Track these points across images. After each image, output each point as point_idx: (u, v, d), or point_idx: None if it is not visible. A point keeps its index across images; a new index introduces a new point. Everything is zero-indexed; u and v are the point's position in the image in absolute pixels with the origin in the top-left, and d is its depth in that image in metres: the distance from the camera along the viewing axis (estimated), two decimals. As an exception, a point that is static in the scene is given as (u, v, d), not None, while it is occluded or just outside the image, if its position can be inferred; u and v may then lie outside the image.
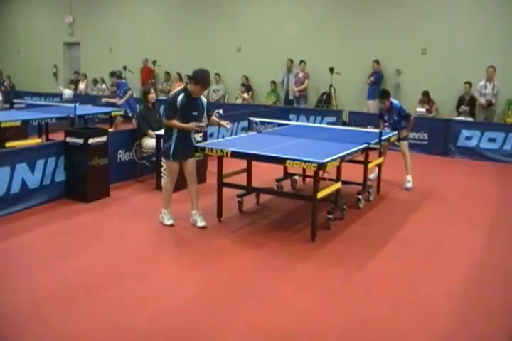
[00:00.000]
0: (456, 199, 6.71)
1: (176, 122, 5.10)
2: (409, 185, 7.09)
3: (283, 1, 13.14)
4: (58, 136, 7.52)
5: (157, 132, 6.81)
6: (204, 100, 5.34)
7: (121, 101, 10.60)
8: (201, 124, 5.17)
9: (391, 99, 7.21)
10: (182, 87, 5.22)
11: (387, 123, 7.32)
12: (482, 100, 10.15)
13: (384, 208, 6.28)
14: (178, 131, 5.16)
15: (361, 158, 6.12)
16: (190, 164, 5.33)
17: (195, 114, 5.18)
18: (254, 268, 4.48)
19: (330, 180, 5.42)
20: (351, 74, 11.87)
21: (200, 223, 5.37)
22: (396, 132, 6.96)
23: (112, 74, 11.04)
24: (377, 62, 11.59)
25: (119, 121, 10.21)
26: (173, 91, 5.24)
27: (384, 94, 7.22)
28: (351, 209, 5.95)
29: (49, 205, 6.02)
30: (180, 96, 5.07)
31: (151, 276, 4.25)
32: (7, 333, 3.37)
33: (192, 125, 5.11)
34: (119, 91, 10.79)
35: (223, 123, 5.43)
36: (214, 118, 5.53)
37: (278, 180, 6.74)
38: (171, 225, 5.39)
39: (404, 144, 7.21)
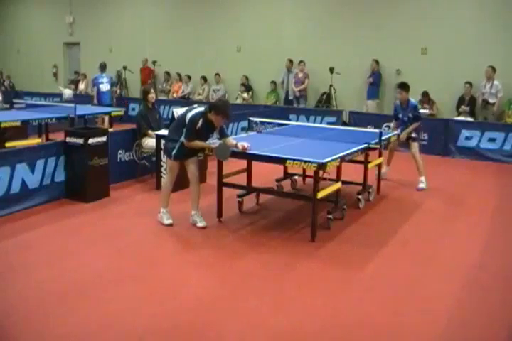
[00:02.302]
0: (456, 199, 6.70)
1: (197, 142, 5.16)
2: (422, 185, 7.03)
3: (283, 1, 13.13)
4: (58, 136, 7.52)
5: (157, 132, 6.82)
6: None
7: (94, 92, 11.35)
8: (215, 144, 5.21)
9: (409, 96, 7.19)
10: (202, 109, 5.15)
11: (400, 126, 7.27)
12: (480, 99, 10.18)
13: (384, 208, 6.28)
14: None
15: (361, 158, 6.12)
16: (193, 163, 5.34)
17: (208, 134, 5.30)
18: (254, 267, 4.48)
19: (330, 180, 5.42)
20: (351, 74, 11.87)
21: (200, 223, 5.37)
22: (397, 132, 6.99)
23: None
24: (377, 61, 11.59)
25: (101, 120, 10.40)
26: (193, 113, 5.12)
27: (404, 85, 7.16)
28: (351, 209, 5.95)
29: (49, 205, 6.02)
30: (200, 122, 5.08)
31: (151, 276, 4.25)
32: (7, 333, 3.37)
33: (211, 145, 5.17)
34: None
35: (239, 145, 5.14)
36: (230, 140, 5.31)
37: (278, 180, 6.74)
38: (170, 225, 5.40)
39: (414, 146, 7.16)
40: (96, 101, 11.07)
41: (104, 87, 11.17)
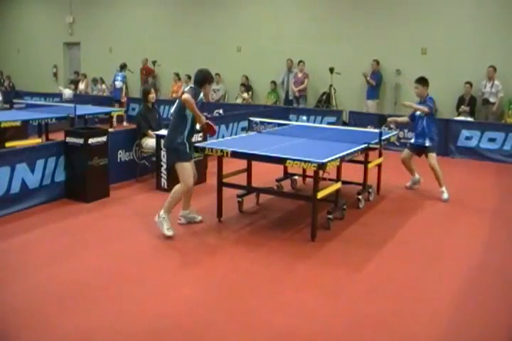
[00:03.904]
0: (456, 199, 6.69)
1: (196, 108, 4.87)
2: (445, 195, 6.54)
3: (283, 1, 13.14)
4: (58, 136, 7.52)
5: (157, 132, 6.82)
6: None
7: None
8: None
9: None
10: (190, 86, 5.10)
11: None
12: (481, 98, 10.20)
13: (384, 208, 6.28)
14: (190, 125, 5.04)
15: (361, 158, 6.12)
16: (191, 165, 5.30)
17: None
18: (254, 268, 4.47)
19: (330, 180, 5.42)
20: (351, 74, 11.86)
21: (199, 217, 5.48)
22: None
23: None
24: (377, 62, 11.60)
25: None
26: (187, 90, 4.97)
27: (421, 80, 6.72)
28: (351, 209, 5.95)
29: (49, 205, 6.02)
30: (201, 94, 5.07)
31: (151, 277, 4.25)
32: (7, 333, 3.37)
33: (203, 118, 5.03)
34: None
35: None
36: None
37: (278, 180, 6.74)
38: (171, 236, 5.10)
39: (432, 157, 6.60)
40: (112, 96, 13.23)
41: (118, 84, 13.03)
